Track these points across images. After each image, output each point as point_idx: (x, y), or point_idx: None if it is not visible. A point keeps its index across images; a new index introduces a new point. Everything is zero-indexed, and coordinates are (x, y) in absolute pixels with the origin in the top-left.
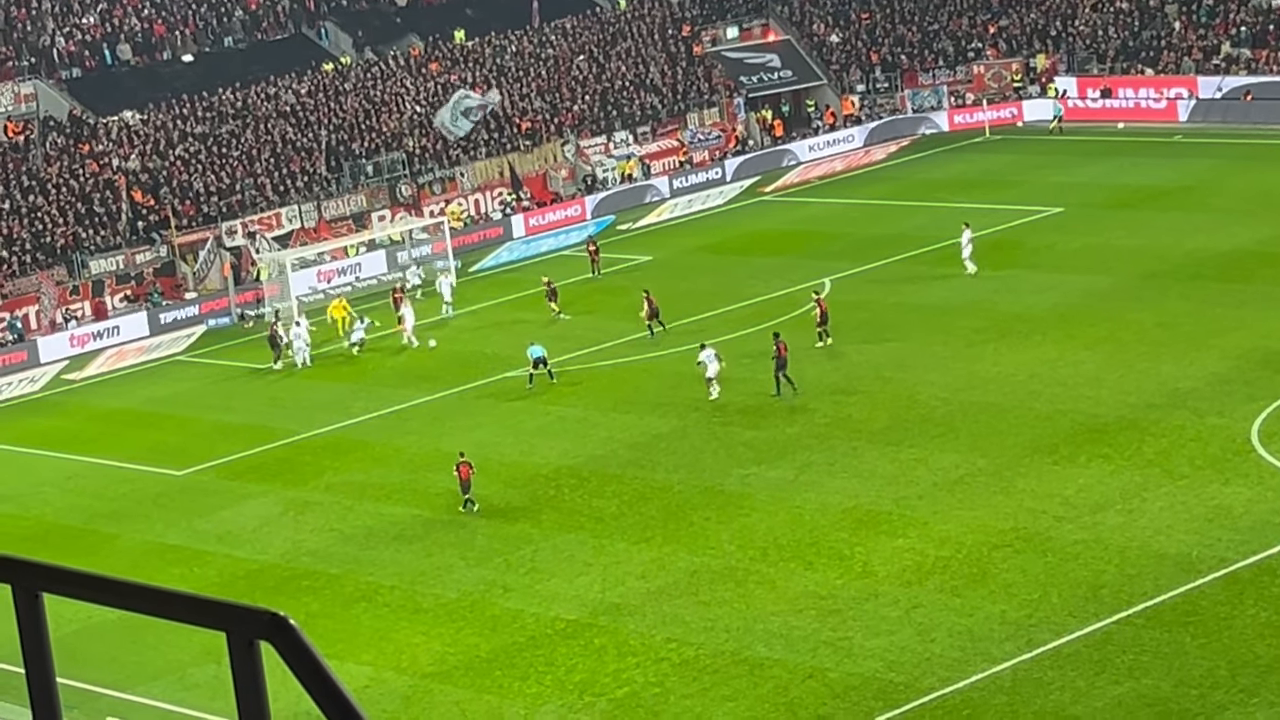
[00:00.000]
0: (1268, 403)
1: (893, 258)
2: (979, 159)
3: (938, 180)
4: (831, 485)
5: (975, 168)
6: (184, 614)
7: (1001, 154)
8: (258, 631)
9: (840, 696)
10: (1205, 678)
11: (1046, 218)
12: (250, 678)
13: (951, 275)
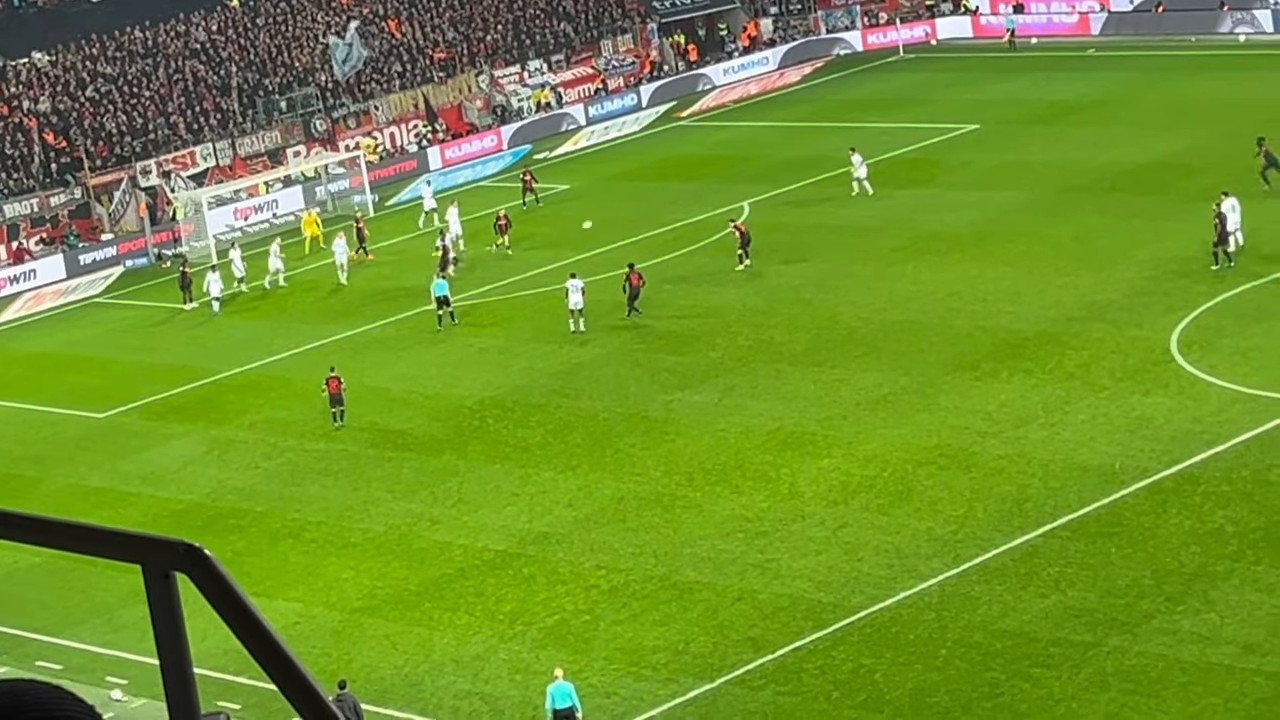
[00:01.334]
0: (1186, 313)
1: (810, 179)
2: (893, 78)
3: (853, 101)
4: (755, 408)
5: (890, 87)
6: (96, 547)
7: (916, 73)
8: (172, 563)
9: (770, 618)
10: (1131, 587)
11: (962, 135)
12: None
13: (859, 195)
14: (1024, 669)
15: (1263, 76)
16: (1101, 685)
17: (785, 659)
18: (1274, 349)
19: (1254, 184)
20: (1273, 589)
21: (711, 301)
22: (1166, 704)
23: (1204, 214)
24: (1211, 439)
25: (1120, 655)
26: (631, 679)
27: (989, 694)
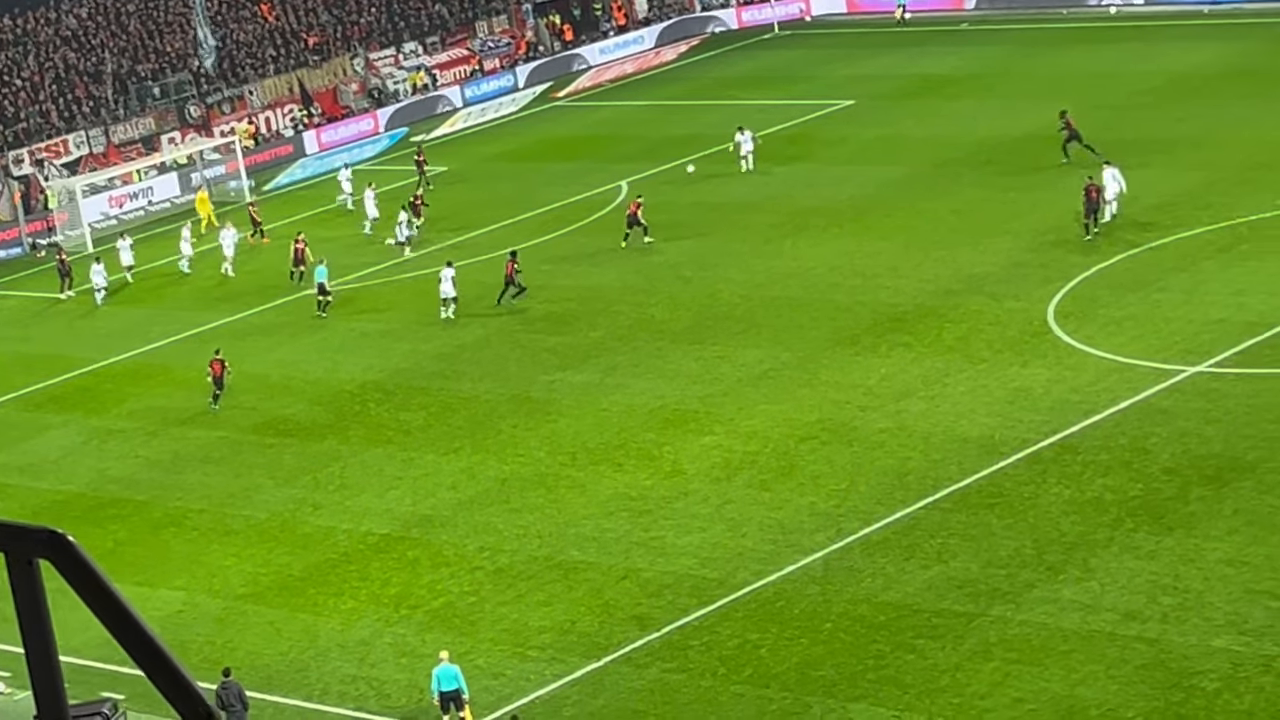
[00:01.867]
0: (1062, 284)
1: (688, 157)
2: (769, 55)
3: (729, 78)
4: (637, 387)
5: (765, 64)
6: None
7: (791, 49)
8: (35, 550)
9: (655, 596)
10: (1012, 557)
11: (838, 111)
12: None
13: (746, 171)
14: (908, 640)
15: (1133, 48)
16: (985, 655)
17: (671, 636)
18: (1149, 318)
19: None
20: (1152, 556)
21: (592, 281)
22: (1049, 672)
23: (1080, 183)
24: (1089, 408)
25: (1003, 625)
26: (518, 660)
27: (874, 666)
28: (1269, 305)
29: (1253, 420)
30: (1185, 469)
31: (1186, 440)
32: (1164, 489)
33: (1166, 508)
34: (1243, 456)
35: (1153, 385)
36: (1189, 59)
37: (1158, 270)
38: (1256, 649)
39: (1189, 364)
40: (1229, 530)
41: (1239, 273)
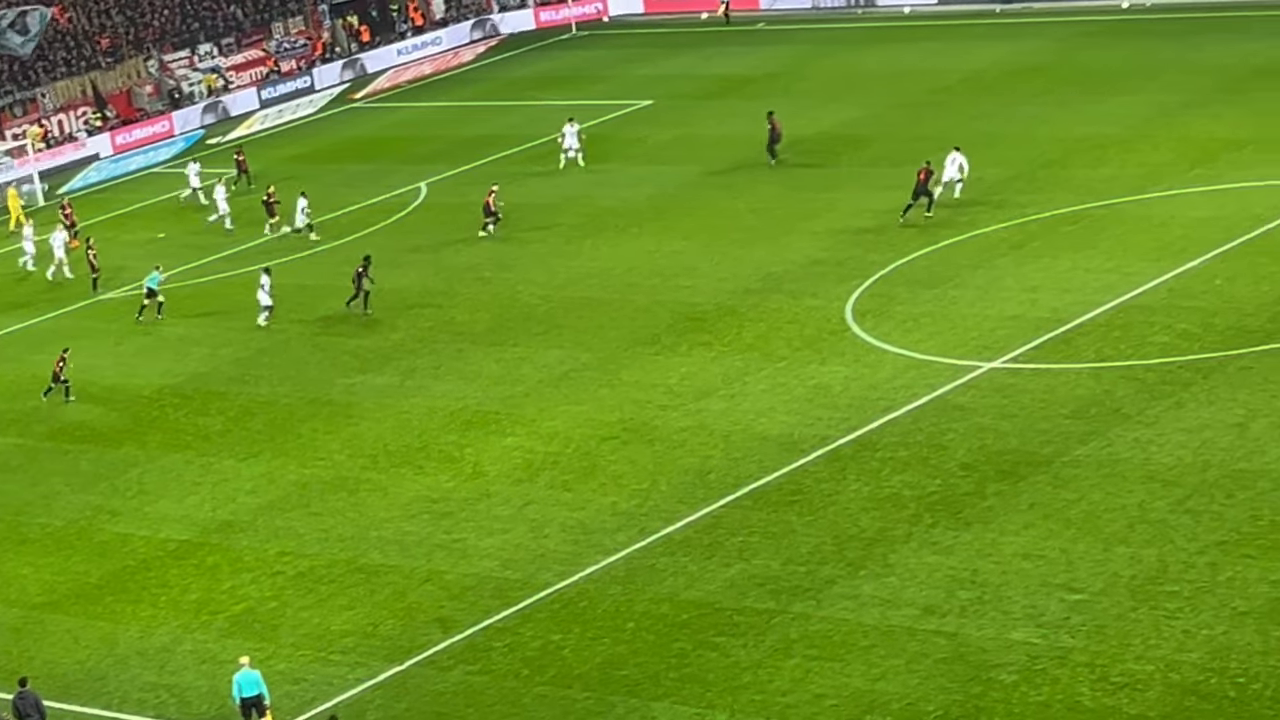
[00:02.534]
0: (859, 282)
1: (488, 158)
2: (567, 55)
3: (527, 78)
4: (438, 389)
5: (564, 64)
6: None
7: (589, 49)
8: None
9: (458, 598)
10: (813, 554)
11: (637, 111)
12: None
13: (547, 172)
14: (710, 639)
15: (928, 47)
16: (786, 652)
17: (474, 638)
18: (945, 315)
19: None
20: (950, 550)
21: (391, 283)
22: (850, 667)
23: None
24: (887, 405)
25: (804, 621)
26: (320, 664)
27: (676, 665)
28: (1061, 301)
29: (1047, 415)
30: (982, 464)
31: (983, 436)
32: (961, 484)
33: (964, 503)
34: (1038, 451)
35: (949, 381)
36: (982, 58)
37: (953, 267)
38: (1053, 641)
39: (984, 360)
40: (1025, 524)
41: (1032, 269)
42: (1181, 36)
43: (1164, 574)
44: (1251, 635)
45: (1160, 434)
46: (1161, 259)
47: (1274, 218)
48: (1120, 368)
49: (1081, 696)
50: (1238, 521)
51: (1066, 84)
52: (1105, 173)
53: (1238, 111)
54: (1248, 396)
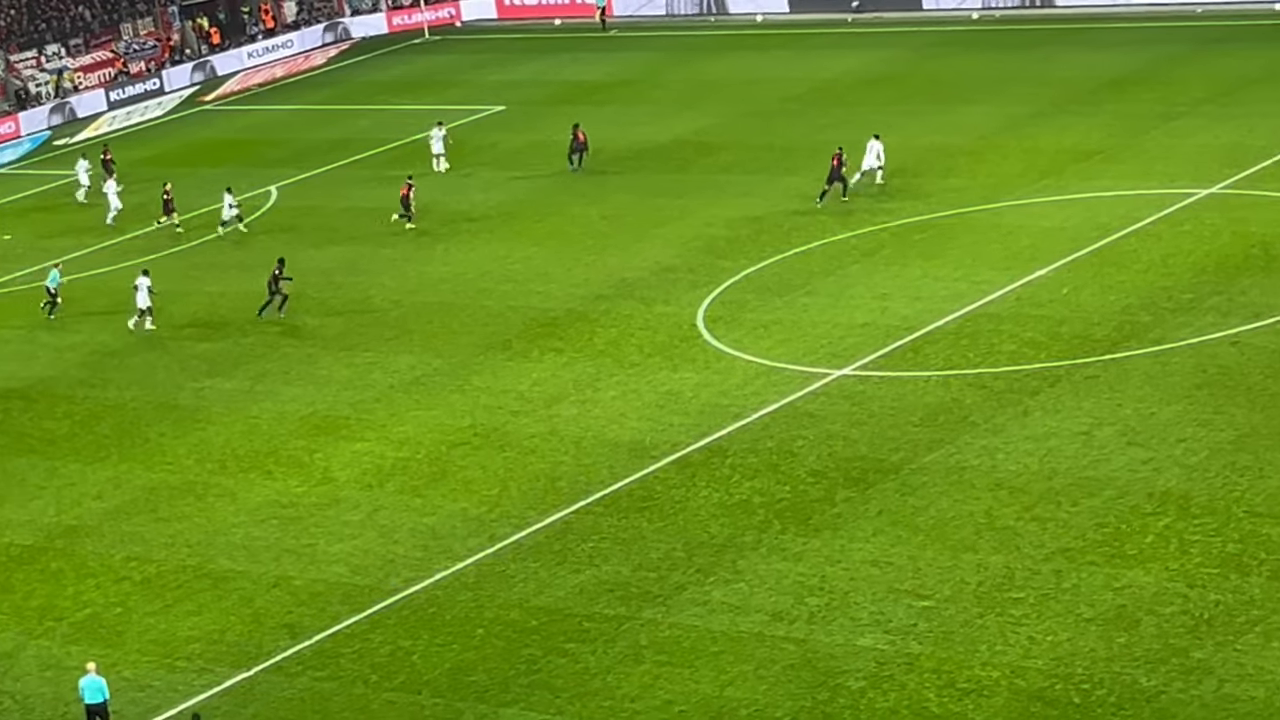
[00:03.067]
0: (711, 288)
1: (339, 162)
2: (420, 60)
3: (380, 83)
4: (288, 394)
5: (416, 69)
6: None
7: (441, 54)
8: None
9: (306, 604)
10: (663, 560)
11: (489, 116)
12: None
13: (398, 177)
14: (559, 645)
15: (781, 56)
16: (636, 658)
17: (323, 644)
18: (796, 322)
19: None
20: (798, 557)
21: (242, 287)
22: (699, 673)
23: (728, 189)
24: (738, 412)
25: (654, 627)
26: (166, 670)
27: (526, 671)
28: (911, 309)
29: (896, 422)
30: (831, 471)
31: (832, 443)
32: (811, 491)
33: (813, 509)
34: (887, 458)
35: (799, 389)
36: (834, 67)
37: (804, 275)
38: (900, 647)
39: (834, 367)
40: (874, 531)
41: (883, 277)
42: (1031, 48)
43: (1010, 581)
44: (1095, 641)
45: (1007, 442)
46: (1010, 268)
47: (1120, 228)
48: (968, 376)
49: (928, 703)
50: (1083, 529)
51: (917, 94)
52: (955, 182)
53: (1085, 123)
54: (1093, 405)
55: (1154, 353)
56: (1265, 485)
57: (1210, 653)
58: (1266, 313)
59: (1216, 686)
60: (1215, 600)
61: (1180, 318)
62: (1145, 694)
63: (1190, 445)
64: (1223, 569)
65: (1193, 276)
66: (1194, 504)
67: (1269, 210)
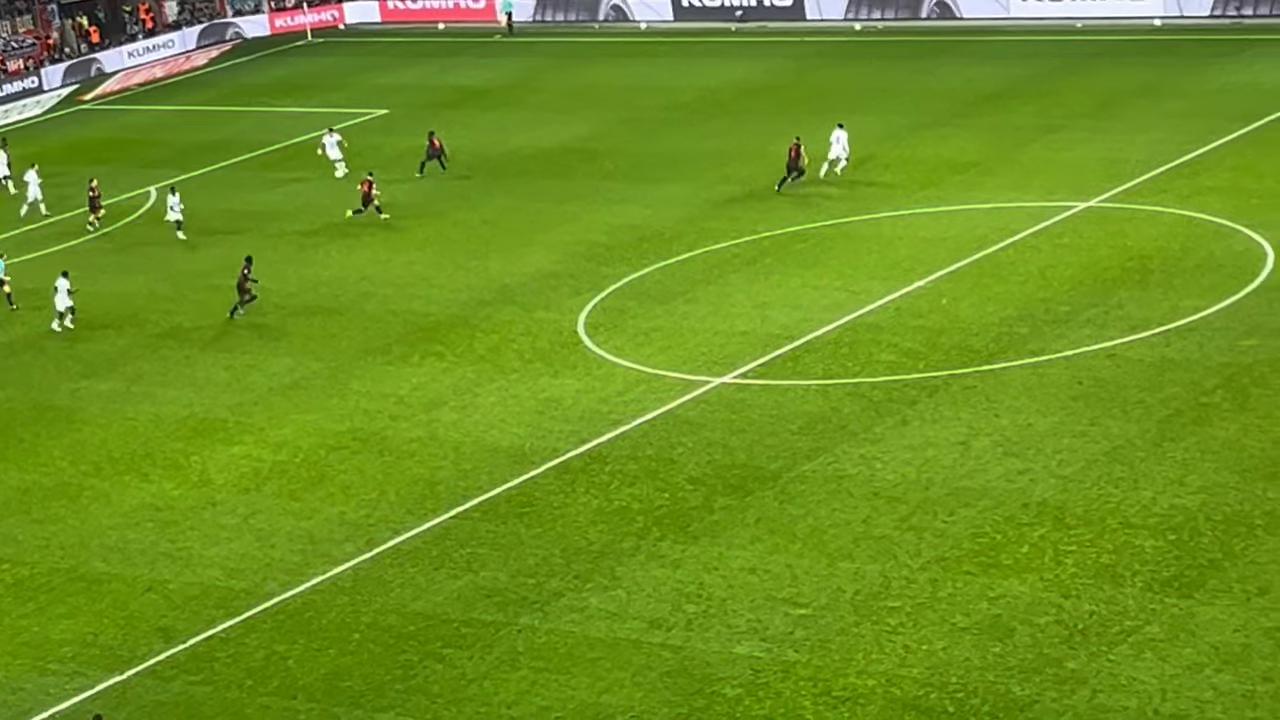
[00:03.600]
0: (592, 295)
1: (220, 164)
2: (302, 62)
3: (261, 85)
4: (165, 396)
5: (299, 71)
6: None
7: (324, 57)
8: None
9: (180, 607)
10: (541, 566)
11: (372, 120)
12: None
13: (283, 180)
14: (436, 650)
15: (665, 64)
16: (513, 664)
17: (197, 648)
18: (676, 329)
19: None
20: (676, 564)
21: (118, 287)
22: (576, 680)
23: (610, 195)
24: (618, 419)
25: (531, 634)
26: (37, 674)
27: (402, 676)
28: (791, 318)
29: (775, 430)
30: (710, 478)
31: (711, 450)
32: (689, 498)
33: (691, 517)
34: (765, 466)
35: (679, 396)
36: (718, 76)
37: (685, 283)
38: (777, 655)
39: (714, 375)
40: (751, 539)
41: (763, 286)
42: (911, 60)
43: (887, 590)
44: (970, 651)
45: (885, 451)
46: (889, 278)
47: (999, 240)
48: (847, 385)
49: (804, 711)
50: (959, 538)
51: (799, 104)
52: (835, 192)
53: (964, 135)
54: (970, 415)
55: (1031, 364)
56: (1139, 497)
57: (1084, 663)
58: (1142, 326)
59: (1090, 697)
60: (1089, 610)
61: (1057, 330)
62: (1019, 703)
63: (1066, 456)
64: (1097, 579)
65: (1070, 289)
66: (1069, 515)
67: (1146, 224)
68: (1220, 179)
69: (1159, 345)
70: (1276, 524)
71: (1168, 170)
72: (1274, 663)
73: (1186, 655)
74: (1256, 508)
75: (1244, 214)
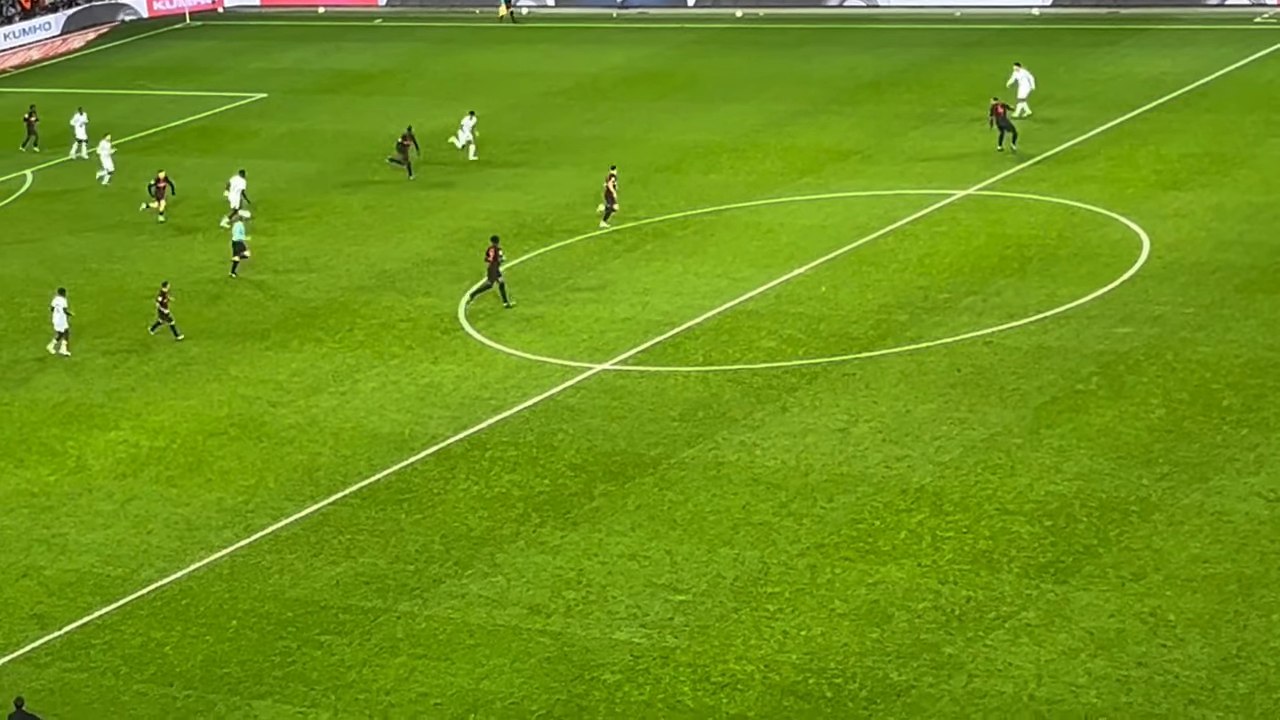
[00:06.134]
0: (473, 281)
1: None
2: (181, 45)
3: (140, 68)
4: (41, 381)
5: (177, 54)
6: None
7: (203, 40)
8: None
9: (56, 594)
10: (421, 552)
11: (251, 104)
12: None
13: (157, 163)
14: (315, 637)
15: (545, 50)
16: (392, 650)
17: (73, 635)
18: (557, 316)
19: (537, 155)
20: (556, 550)
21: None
22: (455, 666)
23: (491, 181)
24: (498, 405)
25: (410, 620)
26: None
27: (280, 663)
28: (672, 305)
29: (655, 417)
30: (591, 465)
31: (592, 437)
32: (570, 485)
33: (572, 503)
34: (645, 453)
35: (560, 382)
36: (599, 62)
37: (567, 269)
38: (656, 641)
39: (595, 362)
40: (632, 525)
41: (644, 273)
42: (792, 48)
43: (765, 576)
44: (848, 636)
45: (765, 438)
46: (770, 265)
47: (878, 227)
48: (728, 372)
49: (683, 696)
50: (838, 524)
51: (680, 91)
52: (717, 179)
53: (844, 123)
54: (850, 402)
55: (910, 351)
56: (1016, 483)
57: (960, 648)
58: (1020, 314)
59: (966, 682)
60: (966, 596)
61: (936, 317)
62: (896, 688)
63: (943, 443)
64: (974, 565)
65: (949, 277)
66: (946, 501)
67: (1024, 212)
68: (1097, 168)
69: (1036, 333)
70: (1151, 510)
71: (1046, 159)
72: (1148, 647)
73: (1062, 640)
74: (1131, 494)
75: (1120, 203)
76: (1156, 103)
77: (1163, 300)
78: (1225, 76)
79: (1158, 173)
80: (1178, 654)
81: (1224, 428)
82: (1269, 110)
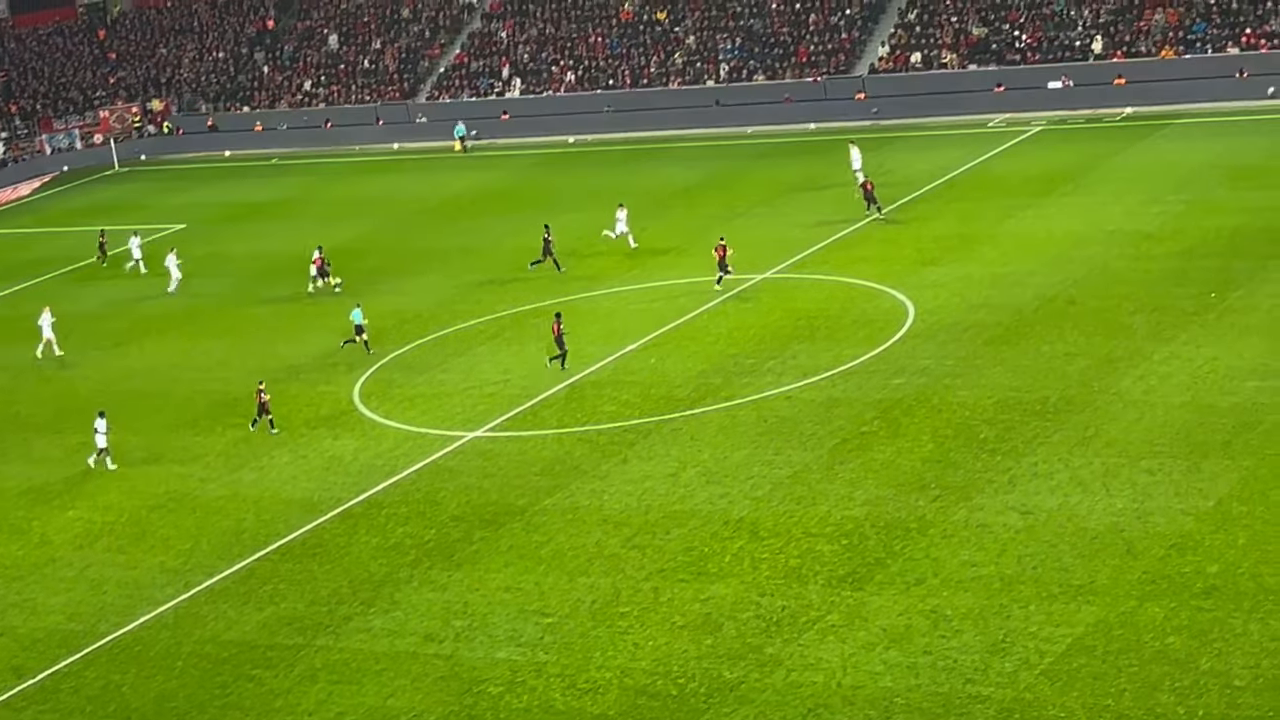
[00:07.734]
0: (364, 370)
1: (42, 276)
2: (111, 189)
3: (76, 209)
4: (6, 471)
5: (109, 196)
6: None
7: (129, 183)
8: None
9: (29, 649)
10: (332, 596)
11: (172, 234)
12: None
13: (100, 280)
14: (248, 671)
15: (413, 177)
16: (312, 679)
17: (44, 682)
18: (436, 394)
19: (413, 263)
20: (444, 587)
21: None
22: (365, 689)
23: (378, 287)
24: (391, 470)
25: (326, 652)
26: None
27: (220, 695)
28: (530, 380)
29: (521, 473)
30: (469, 516)
31: (469, 492)
32: (453, 533)
33: (455, 548)
34: (514, 503)
35: (441, 449)
36: (456, 184)
37: (441, 355)
38: (530, 657)
39: (469, 430)
40: (506, 563)
41: (505, 355)
42: (618, 165)
43: (618, 598)
44: (688, 644)
45: (611, 485)
46: (607, 343)
47: (695, 308)
48: (578, 433)
49: (555, 701)
50: (674, 553)
51: (526, 204)
52: (562, 275)
53: (662, 224)
54: (679, 452)
55: (725, 408)
56: (817, 511)
57: (780, 648)
58: (813, 372)
59: (785, 675)
60: (782, 605)
61: (745, 379)
62: (729, 684)
63: (757, 481)
64: (786, 580)
65: (754, 345)
66: (762, 528)
67: (812, 290)
68: (870, 250)
69: (827, 387)
70: (927, 526)
71: (827, 245)
72: (931, 639)
73: (861, 637)
74: (910, 514)
75: (889, 277)
76: (914, 195)
77: (927, 355)
78: (967, 171)
79: (918, 251)
80: (955, 643)
81: (983, 456)
82: (1003, 197)
